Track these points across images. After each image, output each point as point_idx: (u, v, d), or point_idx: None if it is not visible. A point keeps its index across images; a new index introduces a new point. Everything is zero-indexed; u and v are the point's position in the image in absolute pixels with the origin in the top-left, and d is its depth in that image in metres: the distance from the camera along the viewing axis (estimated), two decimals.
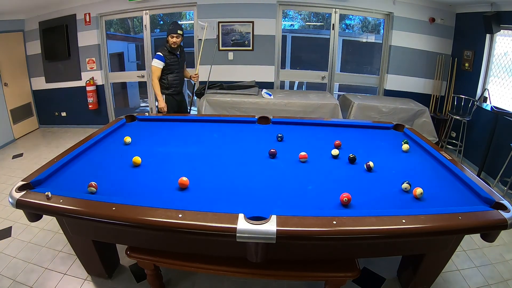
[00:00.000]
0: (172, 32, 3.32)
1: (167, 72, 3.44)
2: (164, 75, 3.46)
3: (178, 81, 3.55)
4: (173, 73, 3.48)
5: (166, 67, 3.40)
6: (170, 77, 3.47)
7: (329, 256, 1.65)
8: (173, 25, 3.36)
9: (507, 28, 3.47)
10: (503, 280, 2.15)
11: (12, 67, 4.73)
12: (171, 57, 3.40)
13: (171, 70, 3.45)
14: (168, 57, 3.38)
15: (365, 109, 3.97)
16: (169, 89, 3.51)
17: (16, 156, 4.18)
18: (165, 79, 3.47)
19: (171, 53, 3.39)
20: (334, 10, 4.54)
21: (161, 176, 1.87)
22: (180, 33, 3.35)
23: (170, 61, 3.40)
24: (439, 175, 1.95)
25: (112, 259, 2.16)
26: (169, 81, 3.48)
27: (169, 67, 3.42)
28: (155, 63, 3.36)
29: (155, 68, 3.37)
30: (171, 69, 3.45)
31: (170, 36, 3.33)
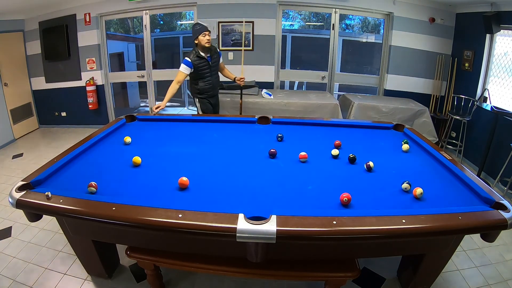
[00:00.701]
0: (204, 30, 3.09)
1: (197, 77, 3.25)
2: (195, 80, 3.28)
3: (210, 85, 3.32)
4: (204, 78, 3.26)
5: (196, 72, 3.19)
6: (201, 83, 3.27)
7: (329, 256, 1.65)
8: (199, 24, 3.13)
9: (507, 28, 3.47)
10: (503, 280, 2.15)
11: (12, 67, 4.73)
12: (201, 62, 3.17)
13: (201, 76, 3.24)
14: (197, 62, 3.15)
15: (365, 109, 3.97)
16: (202, 94, 3.34)
17: (16, 156, 4.18)
18: (196, 84, 3.30)
19: (200, 58, 3.15)
20: (334, 10, 4.54)
21: (161, 176, 1.87)
22: (210, 30, 3.14)
23: (199, 67, 3.17)
24: (439, 175, 1.95)
25: (112, 259, 2.16)
26: (201, 87, 3.29)
27: (199, 73, 3.21)
28: (182, 68, 3.14)
29: (180, 73, 3.16)
30: (201, 74, 3.23)
31: (202, 35, 3.09)
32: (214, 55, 3.25)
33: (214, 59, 3.25)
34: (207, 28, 3.10)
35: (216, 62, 3.31)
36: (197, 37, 3.11)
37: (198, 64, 3.15)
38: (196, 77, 3.25)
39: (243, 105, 3.98)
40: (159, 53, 6.86)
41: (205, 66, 3.20)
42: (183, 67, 3.14)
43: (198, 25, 3.12)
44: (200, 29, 3.10)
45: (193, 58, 3.13)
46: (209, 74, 3.28)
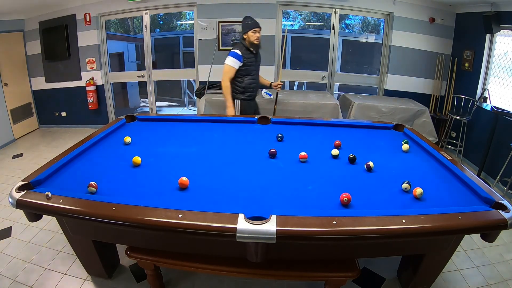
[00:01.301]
0: (255, 26, 2.90)
1: (243, 73, 3.00)
2: (240, 77, 3.02)
3: (255, 84, 3.12)
4: (250, 75, 3.04)
5: (243, 67, 2.97)
6: (246, 80, 3.02)
7: (329, 256, 1.65)
8: (250, 19, 2.94)
9: (507, 28, 3.47)
10: (503, 280, 2.15)
11: (12, 67, 4.73)
12: (250, 56, 2.97)
13: (248, 72, 3.01)
14: (246, 56, 2.94)
15: (365, 109, 3.97)
16: (244, 94, 3.09)
17: (16, 156, 4.18)
18: (241, 82, 3.03)
19: (249, 51, 2.95)
20: (334, 10, 4.54)
21: (161, 176, 1.87)
22: (260, 27, 2.95)
23: (248, 61, 2.96)
24: (439, 175, 1.94)
25: (112, 259, 2.16)
26: (246, 84, 3.04)
27: (246, 68, 2.99)
28: (231, 62, 2.91)
29: (229, 68, 2.93)
30: (248, 70, 3.00)
31: (252, 31, 2.90)
32: (258, 53, 3.11)
33: (259, 56, 3.12)
34: (258, 25, 2.93)
35: (259, 61, 3.15)
36: (246, 31, 2.94)
37: (247, 58, 2.96)
38: (243, 73, 3.01)
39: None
40: (159, 53, 6.87)
41: (252, 62, 3.01)
42: (232, 60, 2.91)
43: (249, 19, 2.95)
44: (251, 24, 2.93)
45: (243, 51, 2.93)
46: (255, 72, 3.09)
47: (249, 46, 2.97)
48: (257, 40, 2.94)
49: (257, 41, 2.95)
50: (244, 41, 2.98)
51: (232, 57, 2.92)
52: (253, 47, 2.99)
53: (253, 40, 2.93)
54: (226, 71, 2.96)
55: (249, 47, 2.97)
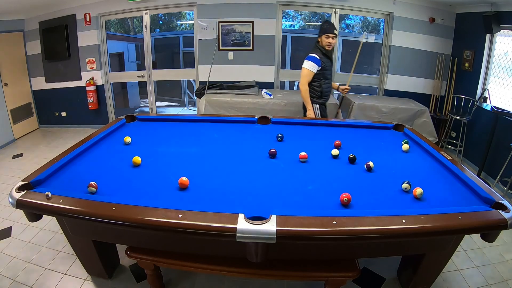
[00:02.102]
0: (329, 31, 2.89)
1: (320, 77, 2.99)
2: (317, 81, 3.01)
3: (330, 88, 3.14)
4: (327, 79, 3.03)
5: (320, 71, 2.96)
6: (324, 84, 3.01)
7: (329, 256, 1.65)
8: (327, 23, 2.94)
9: (507, 28, 3.47)
10: (503, 280, 2.15)
11: (12, 67, 4.73)
12: (326, 60, 2.97)
13: (325, 76, 3.01)
14: (324, 61, 2.95)
15: (365, 109, 3.97)
16: (321, 98, 3.07)
17: (16, 156, 4.18)
18: (319, 86, 3.03)
19: (326, 56, 2.96)
20: (334, 10, 4.54)
21: (161, 176, 1.87)
22: (336, 33, 2.94)
23: (325, 65, 2.96)
24: (439, 175, 1.94)
25: (112, 259, 2.16)
26: (323, 89, 3.03)
27: (324, 72, 2.99)
28: (309, 66, 2.91)
29: (308, 72, 2.92)
30: (325, 74, 3.00)
31: (325, 36, 2.90)
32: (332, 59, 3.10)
33: (332, 62, 3.12)
34: (333, 30, 2.91)
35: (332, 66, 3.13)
36: (320, 35, 2.95)
37: (324, 63, 2.95)
38: (320, 77, 3.00)
39: (243, 105, 3.98)
40: (159, 53, 6.87)
41: (328, 67, 3.01)
42: (310, 64, 2.91)
43: (326, 24, 2.96)
44: (326, 28, 2.92)
45: (321, 56, 2.93)
46: (330, 77, 3.09)
47: (324, 50, 2.96)
48: (328, 46, 2.93)
49: (329, 47, 2.94)
50: (318, 44, 2.98)
51: (310, 61, 2.91)
52: (327, 52, 2.98)
53: (324, 45, 2.93)
54: (305, 74, 2.96)
55: (324, 51, 2.96)
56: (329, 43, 2.90)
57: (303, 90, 3.00)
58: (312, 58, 2.91)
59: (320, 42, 2.96)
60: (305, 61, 2.96)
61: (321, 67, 2.95)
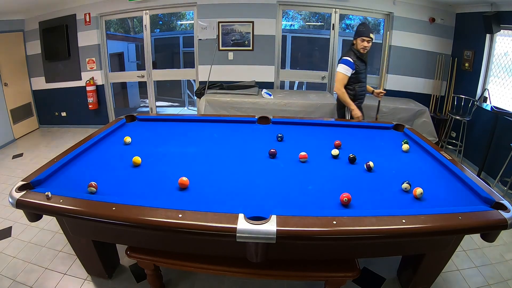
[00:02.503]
0: (364, 34, 2.87)
1: (354, 81, 2.99)
2: (351, 84, 3.00)
3: (364, 92, 3.11)
4: (361, 82, 3.02)
5: (354, 74, 2.95)
6: (358, 88, 3.00)
7: (329, 256, 1.65)
8: (363, 26, 2.92)
9: (507, 28, 3.47)
10: (503, 280, 2.15)
11: (12, 67, 4.73)
12: (361, 64, 2.95)
13: (359, 79, 3.00)
14: (358, 64, 2.94)
15: (365, 109, 3.96)
16: (354, 101, 3.03)
17: (16, 156, 4.18)
18: (352, 89, 3.01)
19: (360, 59, 2.94)
20: (334, 10, 4.54)
21: (161, 176, 1.87)
22: (372, 36, 2.88)
23: (359, 69, 2.95)
24: (439, 175, 1.95)
25: (112, 259, 2.16)
26: (357, 92, 3.01)
27: (357, 76, 2.98)
28: (343, 70, 2.91)
29: (342, 76, 2.92)
30: (359, 77, 2.99)
31: (360, 39, 2.88)
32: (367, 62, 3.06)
33: (367, 65, 3.07)
34: (369, 34, 2.86)
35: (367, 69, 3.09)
36: (356, 38, 2.92)
37: (358, 66, 2.93)
38: (354, 80, 2.98)
39: (243, 105, 3.98)
40: (159, 53, 6.87)
41: (363, 70, 2.99)
42: (344, 68, 2.90)
43: (362, 26, 2.94)
44: (362, 31, 2.89)
45: (354, 59, 2.91)
46: (364, 80, 3.06)
47: (358, 54, 2.93)
48: (363, 49, 2.89)
49: (364, 50, 2.90)
50: (353, 47, 2.95)
51: (344, 65, 2.90)
52: (361, 55, 2.94)
53: (359, 48, 2.90)
54: (339, 78, 2.94)
55: (359, 55, 2.93)
56: (364, 46, 2.87)
57: (339, 94, 2.99)
58: (346, 61, 2.89)
59: (355, 45, 2.93)
60: (339, 65, 2.95)
61: (355, 71, 2.93)
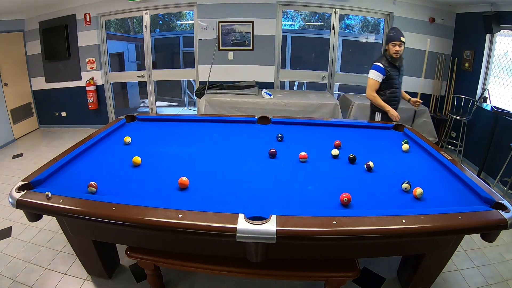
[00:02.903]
0: (394, 38, 2.80)
1: (385, 86, 2.93)
2: (382, 90, 2.95)
3: (397, 98, 3.02)
4: (393, 88, 2.95)
5: (385, 80, 2.90)
6: (389, 93, 2.94)
7: (329, 256, 1.65)
8: (394, 30, 2.85)
9: (507, 28, 3.47)
10: (503, 280, 2.15)
11: (12, 67, 4.73)
12: (392, 69, 2.88)
13: (390, 85, 2.93)
14: (389, 69, 2.87)
15: (365, 109, 3.95)
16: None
17: (16, 156, 4.18)
18: (383, 95, 2.95)
19: (392, 65, 2.87)
20: (334, 10, 4.54)
21: (161, 176, 1.87)
22: (403, 40, 2.81)
23: (391, 74, 2.89)
24: (439, 175, 1.94)
25: (112, 259, 2.16)
26: (387, 98, 2.95)
27: (389, 81, 2.91)
28: (373, 75, 2.89)
29: (373, 82, 2.90)
30: (390, 83, 2.92)
31: (392, 44, 2.81)
32: (401, 67, 2.97)
33: (401, 70, 2.98)
34: (399, 37, 2.79)
35: (403, 74, 3.02)
36: (387, 43, 2.87)
37: (389, 71, 2.88)
38: (385, 86, 2.94)
39: (243, 105, 3.98)
40: (159, 53, 6.87)
41: (395, 75, 2.92)
42: (375, 74, 2.88)
43: (392, 31, 2.88)
44: (392, 36, 2.83)
45: (386, 64, 2.87)
46: (398, 86, 2.98)
47: (390, 59, 2.87)
48: (396, 54, 2.82)
49: (396, 55, 2.83)
50: (386, 53, 2.90)
51: (374, 70, 2.88)
52: (393, 61, 2.87)
53: (392, 53, 2.84)
54: (370, 84, 2.93)
55: (391, 60, 2.87)
56: (396, 51, 2.80)
57: (371, 99, 2.98)
58: (377, 67, 2.87)
59: (388, 51, 2.88)
60: (370, 71, 2.93)
61: (385, 76, 2.88)
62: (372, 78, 2.92)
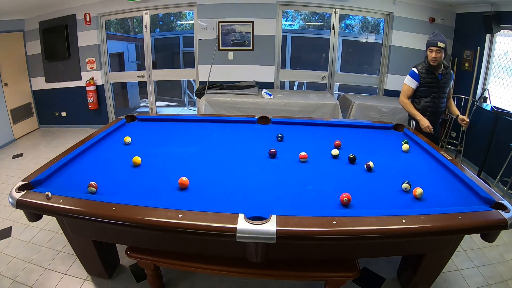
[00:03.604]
0: (431, 44, 2.59)
1: (420, 94, 2.76)
2: (417, 98, 2.79)
3: (433, 109, 2.75)
4: (429, 97, 2.73)
5: (421, 88, 2.73)
6: (424, 102, 2.76)
7: (329, 256, 1.65)
8: (433, 35, 2.63)
9: (507, 28, 3.47)
10: (503, 280, 2.15)
11: (12, 67, 4.73)
12: (429, 77, 2.68)
13: (426, 93, 2.73)
14: (425, 77, 2.69)
15: (365, 109, 3.97)
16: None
17: (16, 156, 4.18)
18: (418, 103, 2.79)
19: (429, 72, 2.67)
20: (334, 10, 4.54)
21: (161, 176, 1.87)
22: (441, 46, 2.55)
23: (426, 82, 2.69)
24: (439, 175, 1.95)
25: (112, 259, 2.16)
26: (422, 106, 2.76)
27: (425, 89, 2.72)
28: (407, 81, 2.75)
29: (406, 88, 2.77)
30: (426, 92, 2.72)
31: (429, 50, 2.61)
32: (446, 75, 2.70)
33: (445, 78, 2.70)
34: (436, 43, 2.55)
35: (446, 83, 2.72)
36: (426, 49, 2.67)
37: (425, 79, 2.69)
38: (421, 94, 2.76)
39: (243, 105, 3.98)
40: (159, 53, 6.87)
41: (432, 84, 2.69)
42: (409, 79, 2.75)
43: (432, 35, 2.66)
44: (429, 41, 2.63)
45: (421, 70, 2.70)
46: (436, 95, 2.72)
47: (428, 66, 2.68)
48: (433, 61, 2.60)
49: (433, 62, 2.61)
50: (426, 59, 2.71)
51: (409, 76, 2.76)
52: (432, 68, 2.66)
53: (429, 60, 2.64)
54: (403, 90, 2.82)
55: (428, 67, 2.68)
56: (433, 57, 2.59)
57: (402, 105, 2.87)
58: (412, 73, 2.74)
59: (427, 57, 2.69)
60: (406, 76, 2.81)
61: (420, 84, 2.72)
62: (405, 83, 2.79)
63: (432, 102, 2.75)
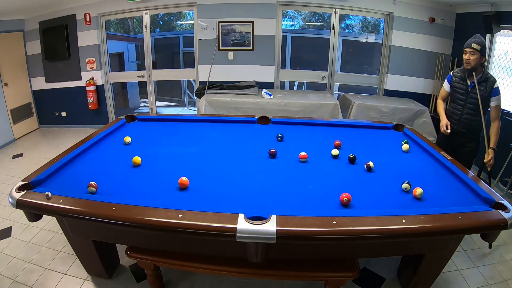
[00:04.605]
0: (465, 45, 2.40)
1: (450, 98, 2.63)
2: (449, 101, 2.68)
3: (457, 117, 2.55)
4: (454, 102, 2.57)
5: (451, 91, 2.60)
6: (449, 107, 2.64)
7: (329, 256, 1.65)
8: (473, 37, 2.40)
9: (507, 28, 3.47)
10: (503, 280, 2.15)
11: (12, 67, 4.73)
12: (459, 82, 2.51)
13: (453, 98, 2.59)
14: (456, 81, 2.53)
15: (365, 109, 3.97)
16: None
17: (16, 156, 4.18)
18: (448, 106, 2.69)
19: (462, 78, 2.49)
20: (334, 10, 4.54)
21: (161, 176, 1.87)
22: (475, 47, 2.32)
23: (455, 87, 2.54)
24: (439, 175, 1.95)
25: (112, 259, 2.16)
26: (448, 110, 2.64)
27: (453, 94, 2.58)
28: (444, 83, 2.66)
29: (442, 89, 2.70)
30: (453, 96, 2.58)
31: (464, 52, 2.41)
32: (482, 85, 2.41)
33: (479, 90, 2.39)
34: (470, 44, 2.35)
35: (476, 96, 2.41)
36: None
37: (455, 83, 2.55)
38: (450, 98, 2.64)
39: (243, 105, 3.98)
40: (159, 53, 6.87)
41: (461, 89, 2.51)
42: (445, 80, 2.66)
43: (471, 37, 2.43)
44: (466, 43, 2.42)
45: (456, 74, 2.56)
46: (463, 103, 2.50)
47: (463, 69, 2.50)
48: (466, 64, 2.39)
49: (467, 65, 2.38)
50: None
51: (446, 78, 2.65)
52: (466, 73, 2.47)
53: (463, 62, 2.44)
54: (440, 91, 2.75)
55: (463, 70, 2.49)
56: (466, 59, 2.39)
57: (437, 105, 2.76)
58: (448, 75, 2.64)
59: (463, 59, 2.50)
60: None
61: (450, 86, 2.59)
62: (443, 85, 2.70)
63: (456, 109, 2.57)
